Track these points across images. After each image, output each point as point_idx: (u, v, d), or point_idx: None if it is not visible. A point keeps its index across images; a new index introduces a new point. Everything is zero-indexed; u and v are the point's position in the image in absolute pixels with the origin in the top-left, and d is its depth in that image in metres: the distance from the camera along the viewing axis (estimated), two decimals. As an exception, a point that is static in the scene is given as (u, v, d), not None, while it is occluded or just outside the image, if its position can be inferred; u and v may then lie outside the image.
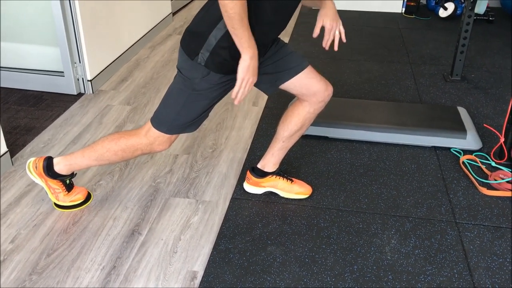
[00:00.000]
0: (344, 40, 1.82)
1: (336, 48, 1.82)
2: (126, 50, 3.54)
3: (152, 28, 3.99)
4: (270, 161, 2.11)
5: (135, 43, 3.67)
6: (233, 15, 1.48)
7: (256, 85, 1.91)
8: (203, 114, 1.79)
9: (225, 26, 1.56)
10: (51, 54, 3.07)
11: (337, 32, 1.79)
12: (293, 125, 1.97)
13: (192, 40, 1.65)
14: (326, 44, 1.80)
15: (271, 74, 1.84)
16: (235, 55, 1.62)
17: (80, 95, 3.08)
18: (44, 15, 2.94)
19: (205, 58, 1.62)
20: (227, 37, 1.58)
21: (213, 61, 1.63)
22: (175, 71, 1.77)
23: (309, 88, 1.87)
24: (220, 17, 1.56)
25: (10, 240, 1.92)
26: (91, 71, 3.08)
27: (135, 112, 2.89)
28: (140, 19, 3.78)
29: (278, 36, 1.81)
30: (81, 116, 2.83)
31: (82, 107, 2.94)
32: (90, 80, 3.08)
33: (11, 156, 2.40)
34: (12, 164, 2.37)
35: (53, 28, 2.92)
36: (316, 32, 1.77)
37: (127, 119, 2.81)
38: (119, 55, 3.44)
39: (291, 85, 1.86)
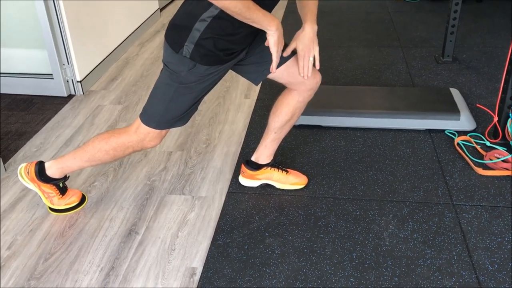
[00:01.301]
0: (317, 67, 1.81)
1: (306, 76, 1.80)
2: (115, 49, 3.51)
3: (140, 25, 3.96)
4: (263, 153, 2.10)
5: (123, 41, 3.64)
6: (239, 11, 1.49)
7: (243, 74, 1.91)
8: (192, 107, 1.78)
9: (207, 18, 1.56)
10: (38, 57, 3.04)
11: (311, 59, 1.78)
12: (283, 115, 1.95)
13: (176, 34, 1.64)
14: (302, 71, 1.79)
15: (258, 64, 1.82)
16: (220, 46, 1.61)
17: (70, 96, 3.06)
18: (29, 17, 2.91)
19: (190, 50, 1.61)
20: (210, 28, 1.57)
21: (198, 53, 1.62)
22: (163, 67, 1.76)
23: (297, 76, 1.85)
24: (202, 9, 1.56)
25: (7, 247, 1.91)
26: (80, 72, 3.06)
27: (126, 111, 2.87)
28: (127, 17, 3.74)
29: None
30: (73, 118, 2.81)
31: (73, 109, 2.91)
32: (80, 81, 3.05)
33: (4, 162, 2.38)
34: (5, 170, 2.35)
35: (39, 30, 2.88)
36: (286, 53, 1.79)
37: (119, 118, 2.79)
38: (107, 54, 3.41)
39: (279, 74, 1.85)
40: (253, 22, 1.56)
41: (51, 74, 3.02)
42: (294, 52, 1.85)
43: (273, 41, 1.64)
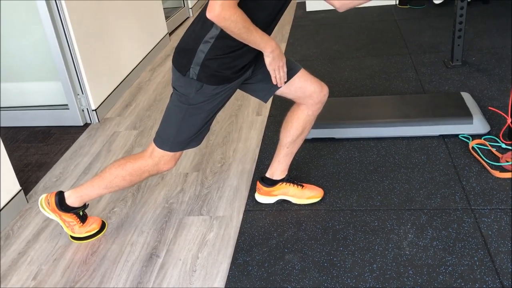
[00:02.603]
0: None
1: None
2: (127, 76, 3.58)
3: (151, 51, 4.03)
4: (277, 168, 2.11)
5: (135, 67, 3.72)
6: (239, 31, 1.54)
7: (251, 93, 1.94)
8: (203, 128, 1.81)
9: (211, 39, 1.61)
10: (53, 88, 3.12)
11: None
12: (294, 130, 1.98)
13: (182, 57, 1.69)
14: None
15: (265, 82, 1.85)
16: (225, 65, 1.66)
17: (86, 125, 3.13)
18: (42, 51, 2.99)
19: (196, 72, 1.66)
20: (214, 49, 1.62)
21: (204, 74, 1.66)
22: (175, 91, 1.80)
23: (304, 91, 1.88)
24: (205, 31, 1.61)
25: (32, 277, 1.94)
26: (95, 101, 3.12)
27: (142, 136, 2.92)
28: (137, 43, 3.83)
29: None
30: (90, 146, 2.87)
31: (90, 137, 2.97)
32: (95, 110, 3.12)
33: (25, 194, 2.44)
34: (27, 202, 2.41)
35: (52, 63, 2.97)
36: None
37: (135, 144, 2.84)
38: (120, 81, 3.48)
39: (286, 89, 1.88)
40: (250, 43, 1.60)
41: (67, 105, 3.09)
42: (298, 67, 1.88)
43: (268, 61, 1.69)
